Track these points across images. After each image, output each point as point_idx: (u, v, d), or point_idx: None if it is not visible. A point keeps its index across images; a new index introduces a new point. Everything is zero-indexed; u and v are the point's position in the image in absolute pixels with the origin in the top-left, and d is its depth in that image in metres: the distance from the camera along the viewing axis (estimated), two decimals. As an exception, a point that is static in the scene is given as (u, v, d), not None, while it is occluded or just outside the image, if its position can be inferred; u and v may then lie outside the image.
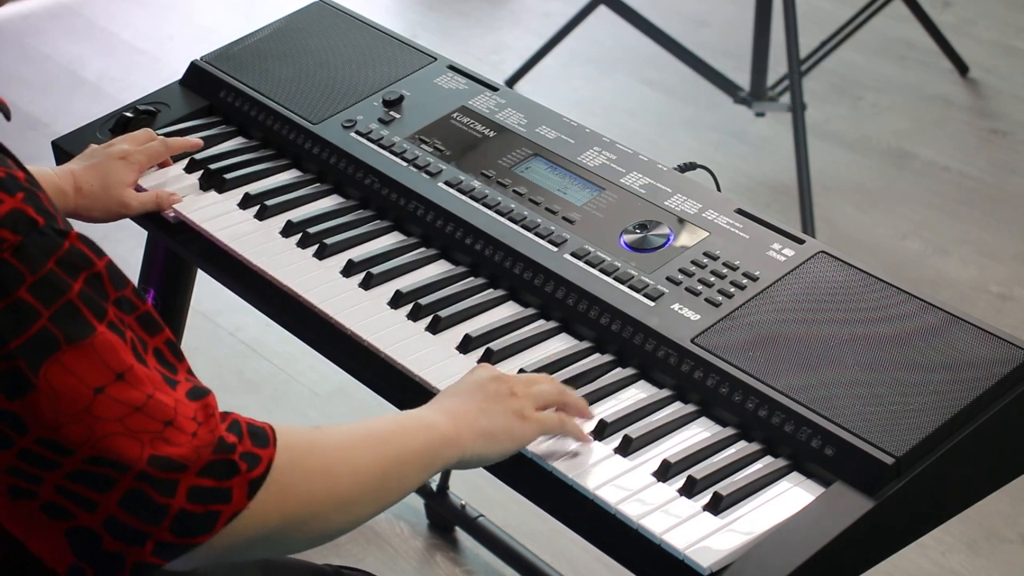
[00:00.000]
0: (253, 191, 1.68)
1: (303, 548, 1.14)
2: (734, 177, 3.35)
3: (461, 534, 2.35)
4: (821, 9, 3.98)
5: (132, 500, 1.00)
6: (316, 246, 1.59)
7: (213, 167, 1.73)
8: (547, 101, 1.82)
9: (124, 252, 2.85)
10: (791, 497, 1.24)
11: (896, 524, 1.25)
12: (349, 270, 1.55)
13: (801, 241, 1.47)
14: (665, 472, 1.26)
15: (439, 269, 1.56)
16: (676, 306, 1.42)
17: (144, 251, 1.90)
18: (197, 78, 1.88)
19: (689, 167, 1.69)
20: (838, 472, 1.24)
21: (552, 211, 1.56)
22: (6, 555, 1.07)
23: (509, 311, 1.49)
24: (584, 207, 1.56)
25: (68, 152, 1.77)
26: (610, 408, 1.35)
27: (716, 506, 1.22)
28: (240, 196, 1.68)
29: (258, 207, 1.66)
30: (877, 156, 3.45)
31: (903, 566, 2.26)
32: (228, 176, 1.71)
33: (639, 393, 1.38)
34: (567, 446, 1.31)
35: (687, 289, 1.43)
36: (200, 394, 1.05)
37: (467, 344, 1.44)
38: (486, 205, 1.58)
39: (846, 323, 1.36)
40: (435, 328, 1.46)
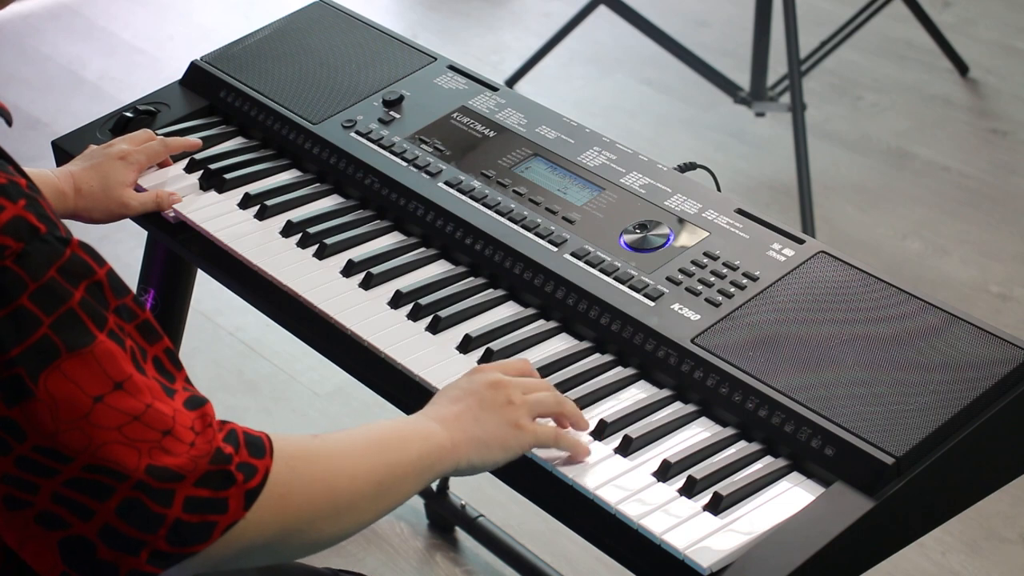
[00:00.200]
0: (253, 191, 1.68)
1: (300, 556, 1.14)
2: (734, 177, 3.35)
3: (461, 534, 2.35)
4: (821, 9, 3.98)
5: (129, 509, 1.00)
6: (316, 246, 1.59)
7: (213, 167, 1.73)
8: (547, 101, 1.82)
9: (124, 252, 2.87)
10: (791, 497, 1.24)
11: (896, 524, 1.25)
12: (349, 270, 1.55)
13: (801, 241, 1.47)
14: (665, 472, 1.26)
15: (439, 269, 1.56)
16: (676, 306, 1.42)
17: (144, 251, 1.89)
18: (197, 78, 1.88)
19: (689, 167, 1.69)
20: (838, 472, 1.24)
21: (552, 211, 1.56)
22: (2, 564, 1.06)
23: (509, 311, 1.49)
24: (584, 207, 1.56)
25: (68, 152, 1.77)
26: (610, 408, 1.35)
27: (716, 506, 1.22)
28: (240, 196, 1.68)
29: (258, 207, 1.66)
30: (877, 156, 3.44)
31: (903, 566, 2.26)
32: (228, 176, 1.71)
33: (639, 393, 1.37)
34: (567, 446, 1.31)
35: (687, 289, 1.43)
36: (198, 403, 1.05)
37: (467, 344, 1.43)
38: (486, 205, 1.58)
39: (846, 323, 1.36)
40: (435, 328, 1.46)
